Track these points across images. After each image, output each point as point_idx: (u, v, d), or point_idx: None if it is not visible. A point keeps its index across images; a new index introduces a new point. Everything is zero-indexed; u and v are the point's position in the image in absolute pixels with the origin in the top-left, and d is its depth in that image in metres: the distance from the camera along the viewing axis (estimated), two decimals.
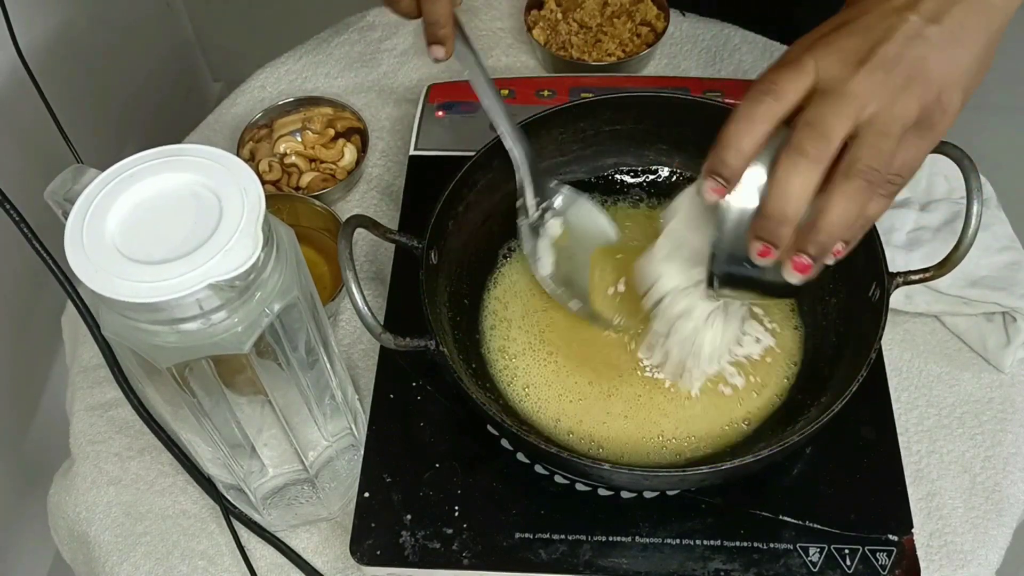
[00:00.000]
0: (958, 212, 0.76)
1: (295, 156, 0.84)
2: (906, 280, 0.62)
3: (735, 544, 0.60)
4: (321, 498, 0.65)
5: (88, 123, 1.26)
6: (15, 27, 0.78)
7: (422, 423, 0.66)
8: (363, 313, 0.56)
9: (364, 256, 0.80)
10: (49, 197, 0.55)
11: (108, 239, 0.46)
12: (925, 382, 0.73)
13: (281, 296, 0.49)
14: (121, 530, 0.69)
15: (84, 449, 0.73)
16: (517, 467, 0.64)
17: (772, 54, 0.92)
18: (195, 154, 0.49)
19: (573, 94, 0.81)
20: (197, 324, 0.46)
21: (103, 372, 0.75)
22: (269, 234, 0.48)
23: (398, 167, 0.85)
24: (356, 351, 0.75)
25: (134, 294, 0.44)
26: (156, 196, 0.47)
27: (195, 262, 0.45)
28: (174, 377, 0.50)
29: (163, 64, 1.53)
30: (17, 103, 1.07)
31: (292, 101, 0.87)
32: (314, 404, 0.59)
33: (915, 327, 0.75)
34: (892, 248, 0.73)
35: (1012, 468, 0.69)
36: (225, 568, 0.67)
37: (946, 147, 0.61)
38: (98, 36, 1.30)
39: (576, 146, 0.73)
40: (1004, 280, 0.73)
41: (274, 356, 0.52)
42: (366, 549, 0.61)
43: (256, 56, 0.98)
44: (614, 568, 0.60)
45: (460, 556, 0.60)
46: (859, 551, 0.60)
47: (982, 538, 0.66)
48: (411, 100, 0.89)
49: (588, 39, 0.90)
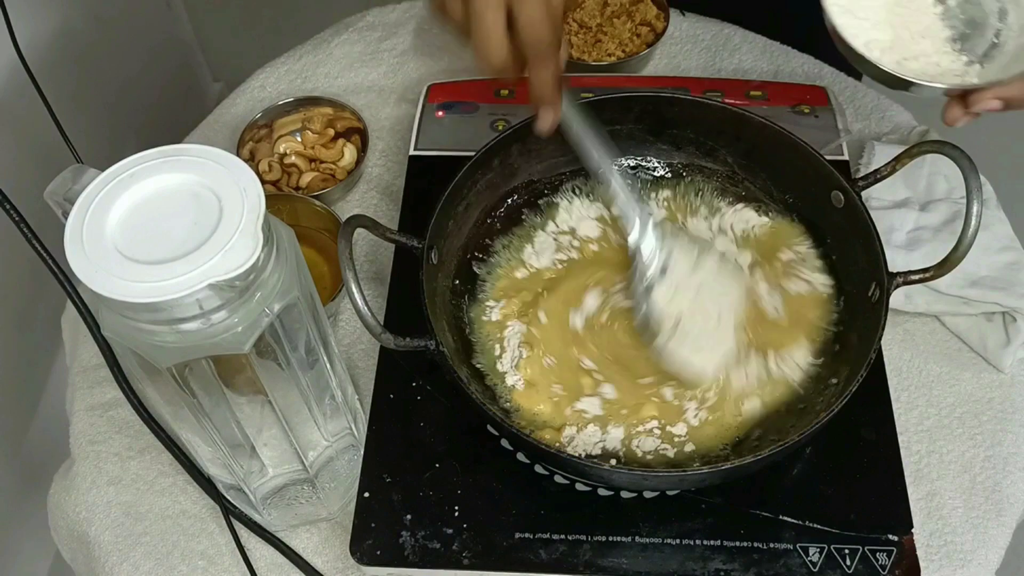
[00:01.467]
0: (958, 212, 0.76)
1: (295, 156, 0.84)
2: (906, 280, 0.62)
3: (735, 544, 0.60)
4: (321, 498, 0.65)
5: (88, 123, 1.26)
6: (15, 27, 0.78)
7: (422, 423, 0.66)
8: (363, 313, 0.56)
9: (364, 256, 0.80)
10: (49, 197, 0.55)
11: (108, 239, 0.46)
12: (925, 382, 0.73)
13: (281, 296, 0.49)
14: (121, 530, 0.69)
15: (84, 449, 0.73)
16: (517, 467, 0.64)
17: (772, 54, 0.92)
18: (195, 154, 0.48)
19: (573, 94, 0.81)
20: (197, 324, 0.46)
21: (103, 372, 0.75)
22: (269, 234, 0.48)
23: (398, 167, 0.85)
24: (356, 351, 0.75)
25: (134, 294, 0.44)
26: (156, 196, 0.47)
27: (195, 262, 0.44)
28: (174, 377, 0.50)
29: (163, 64, 1.53)
30: (17, 103, 1.07)
31: (292, 101, 0.87)
32: (314, 404, 0.59)
33: (915, 327, 0.75)
34: (892, 248, 0.73)
35: (1012, 468, 0.69)
36: (225, 568, 0.67)
37: (946, 148, 0.61)
38: (98, 36, 1.30)
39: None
40: (1004, 280, 0.73)
41: (274, 356, 0.52)
42: (366, 549, 0.61)
43: (256, 56, 0.98)
44: (614, 568, 0.60)
45: (460, 556, 0.60)
46: (859, 551, 0.60)
47: (982, 538, 0.66)
48: (411, 100, 0.89)
49: (588, 39, 0.90)
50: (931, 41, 0.59)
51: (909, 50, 0.59)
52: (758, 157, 0.72)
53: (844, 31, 0.58)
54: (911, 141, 0.84)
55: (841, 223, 0.67)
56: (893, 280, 0.62)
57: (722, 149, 0.73)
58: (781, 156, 0.70)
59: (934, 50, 0.59)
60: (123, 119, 1.37)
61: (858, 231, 0.64)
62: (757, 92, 0.82)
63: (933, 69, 0.58)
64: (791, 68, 0.91)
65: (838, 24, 0.58)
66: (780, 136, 0.69)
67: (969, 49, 0.59)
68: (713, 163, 0.74)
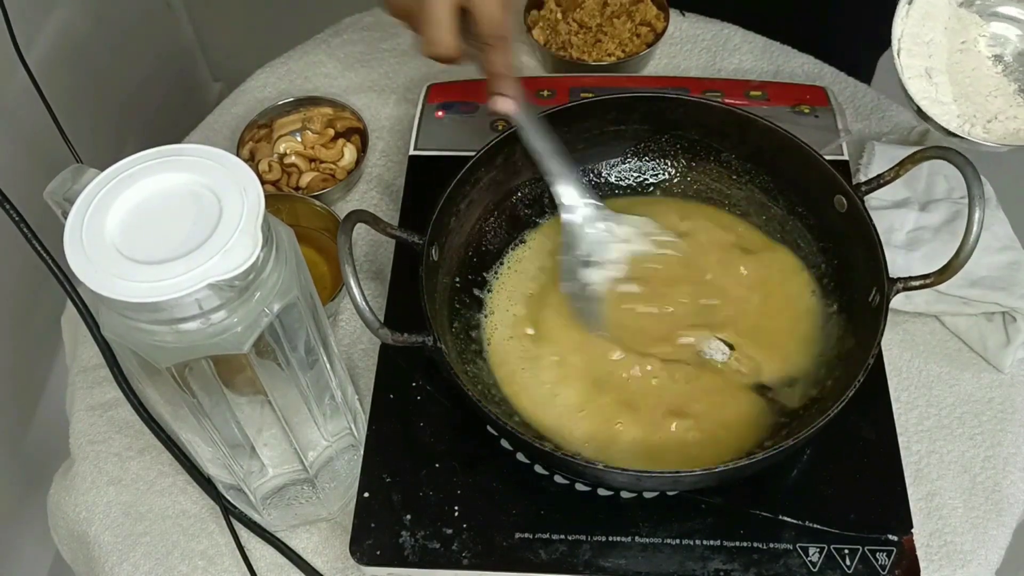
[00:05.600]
0: (958, 212, 0.76)
1: (295, 156, 0.84)
2: (907, 286, 0.62)
3: (735, 544, 0.60)
4: (321, 498, 0.65)
5: (88, 123, 1.26)
6: (15, 28, 0.78)
7: (422, 423, 0.66)
8: (361, 308, 0.56)
9: (364, 255, 0.80)
10: (49, 197, 0.55)
11: (108, 239, 0.46)
12: (925, 382, 0.73)
13: (281, 296, 0.49)
14: (121, 530, 0.69)
15: (84, 449, 0.73)
16: (517, 467, 0.64)
17: (772, 54, 0.92)
18: (194, 154, 0.48)
19: (573, 94, 0.81)
20: (197, 324, 0.46)
21: (103, 372, 0.75)
22: (269, 234, 0.48)
23: (398, 167, 0.85)
24: (356, 351, 0.75)
25: (134, 294, 0.44)
26: (156, 196, 0.47)
27: (195, 262, 0.44)
28: (174, 377, 0.50)
29: (163, 64, 1.53)
30: (17, 103, 1.07)
31: (292, 101, 0.87)
32: (314, 404, 0.59)
33: (915, 327, 0.75)
34: (892, 248, 0.73)
35: (1012, 468, 0.69)
36: (225, 568, 0.67)
37: (949, 154, 0.61)
38: (98, 36, 1.30)
39: (580, 145, 0.73)
40: (1004, 280, 0.73)
41: (274, 356, 0.52)
42: (366, 549, 0.61)
43: (256, 56, 0.98)
44: (614, 568, 0.60)
45: (460, 556, 0.60)
46: (859, 551, 0.60)
47: (982, 538, 0.66)
48: (411, 100, 0.89)
49: (588, 39, 0.90)
50: (1003, 98, 0.61)
51: (987, 112, 0.63)
52: (761, 160, 0.72)
53: (940, 119, 0.63)
54: (911, 141, 0.84)
55: (842, 226, 0.67)
56: (894, 285, 0.62)
57: (725, 151, 0.73)
58: (784, 159, 0.70)
59: (1007, 105, 0.62)
60: (123, 119, 1.37)
61: (860, 235, 0.64)
62: (757, 92, 0.82)
63: (1015, 124, 0.63)
64: (791, 68, 0.91)
65: (932, 114, 0.63)
66: (784, 139, 0.68)
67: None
68: (716, 165, 0.74)
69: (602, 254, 0.68)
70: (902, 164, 0.64)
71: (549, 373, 0.66)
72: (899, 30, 0.62)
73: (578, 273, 0.68)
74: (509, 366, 0.67)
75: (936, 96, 0.62)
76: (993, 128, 0.61)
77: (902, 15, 0.62)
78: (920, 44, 0.62)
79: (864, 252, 0.64)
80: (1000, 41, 0.63)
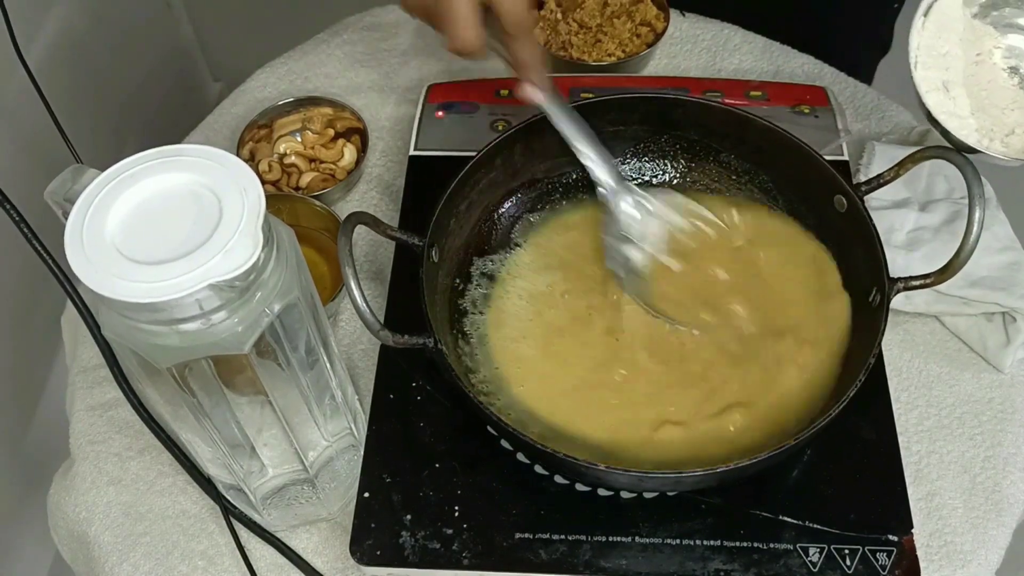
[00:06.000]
0: (958, 212, 0.76)
1: (295, 156, 0.84)
2: (907, 286, 0.62)
3: (735, 544, 0.60)
4: (321, 498, 0.65)
5: (88, 123, 1.26)
6: (15, 28, 0.78)
7: (422, 423, 0.66)
8: (361, 309, 0.56)
9: (364, 256, 0.80)
10: (49, 197, 0.55)
11: (108, 239, 0.46)
12: (925, 382, 0.73)
13: (281, 296, 0.49)
14: (121, 530, 0.69)
15: (84, 449, 0.73)
16: (517, 467, 0.64)
17: (772, 54, 0.92)
18: (195, 154, 0.48)
19: (573, 94, 0.81)
20: (197, 324, 0.46)
21: (103, 372, 0.75)
22: (269, 234, 0.48)
23: (398, 167, 0.85)
24: (356, 351, 0.75)
25: (134, 294, 0.44)
26: (156, 196, 0.47)
27: (195, 262, 0.44)
28: (174, 377, 0.50)
29: (163, 64, 1.53)
30: (17, 103, 1.07)
31: (292, 101, 0.87)
32: (314, 404, 0.59)
33: (915, 327, 0.75)
34: (892, 248, 0.73)
35: (1012, 468, 0.69)
36: (225, 568, 0.67)
37: (949, 154, 0.61)
38: (98, 36, 1.30)
39: None
40: (1004, 280, 0.73)
41: (274, 356, 0.52)
42: (366, 549, 0.61)
43: (256, 56, 0.98)
44: (614, 568, 0.60)
45: (460, 556, 0.60)
46: (859, 551, 0.60)
47: (982, 538, 0.66)
48: (411, 100, 0.89)
49: (588, 39, 0.90)
50: (1020, 112, 0.61)
51: (1004, 126, 0.62)
52: (761, 160, 0.72)
53: (958, 133, 0.61)
54: (911, 141, 0.84)
55: (842, 226, 0.67)
56: (894, 285, 0.62)
57: (725, 152, 0.73)
58: (784, 159, 0.70)
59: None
60: (123, 119, 1.37)
61: (860, 236, 0.64)
62: (757, 92, 0.82)
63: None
64: (791, 68, 0.91)
65: (950, 128, 0.61)
66: (784, 139, 0.69)
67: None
68: (715, 165, 0.74)
69: (640, 229, 0.69)
70: (902, 164, 0.64)
71: (549, 373, 0.66)
72: (915, 42, 0.62)
73: (620, 249, 0.69)
74: (509, 366, 0.67)
75: (954, 110, 0.61)
76: (1011, 142, 0.61)
77: (918, 27, 0.61)
78: (936, 56, 0.62)
79: (864, 252, 0.64)
80: (1015, 53, 0.63)
